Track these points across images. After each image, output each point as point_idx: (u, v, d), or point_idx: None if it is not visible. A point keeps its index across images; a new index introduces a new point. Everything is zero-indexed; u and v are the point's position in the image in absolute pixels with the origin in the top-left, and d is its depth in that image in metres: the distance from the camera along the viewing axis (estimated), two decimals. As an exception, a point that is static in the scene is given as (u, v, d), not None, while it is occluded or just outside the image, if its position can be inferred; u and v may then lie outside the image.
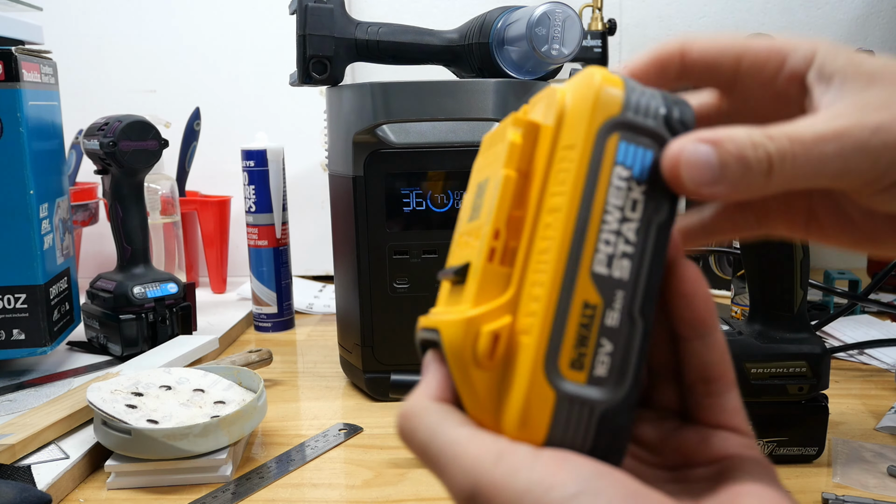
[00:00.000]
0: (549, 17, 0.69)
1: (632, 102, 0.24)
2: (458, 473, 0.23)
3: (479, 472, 0.23)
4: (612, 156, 0.23)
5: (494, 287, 0.24)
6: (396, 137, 0.71)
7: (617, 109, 0.23)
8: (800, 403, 0.59)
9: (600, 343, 0.23)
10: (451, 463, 0.23)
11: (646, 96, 0.24)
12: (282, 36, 1.17)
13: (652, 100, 0.24)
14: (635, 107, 0.24)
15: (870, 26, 1.24)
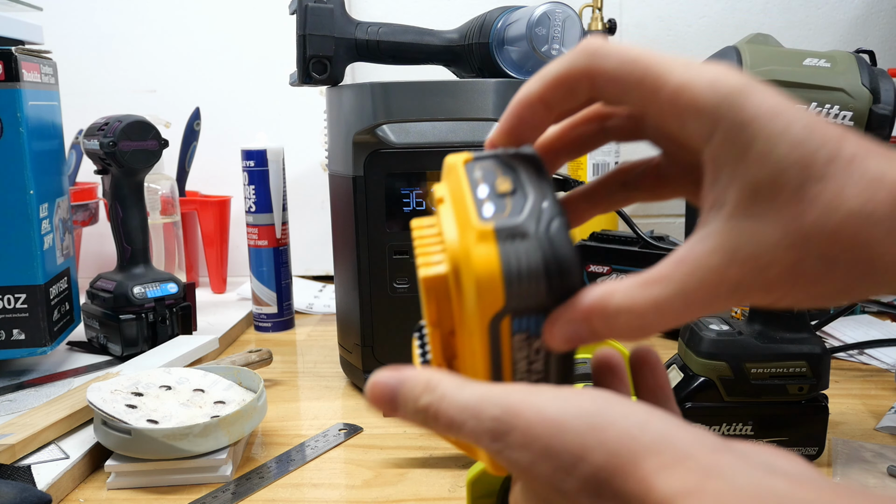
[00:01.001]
0: (549, 17, 0.69)
1: (512, 287, 0.25)
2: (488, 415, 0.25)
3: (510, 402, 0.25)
4: (508, 332, 0.26)
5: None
6: (396, 137, 0.71)
7: (500, 303, 0.25)
8: (800, 403, 0.59)
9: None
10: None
11: (522, 257, 0.25)
12: (282, 36, 1.17)
13: (530, 268, 0.25)
14: (517, 291, 0.25)
15: (870, 26, 1.24)
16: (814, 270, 0.24)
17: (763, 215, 0.24)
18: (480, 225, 0.26)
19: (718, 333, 0.59)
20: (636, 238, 0.81)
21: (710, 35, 1.25)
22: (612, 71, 0.26)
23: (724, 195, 0.25)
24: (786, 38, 1.16)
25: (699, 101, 0.24)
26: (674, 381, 0.61)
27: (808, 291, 0.25)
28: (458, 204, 0.27)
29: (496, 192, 0.27)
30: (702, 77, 0.24)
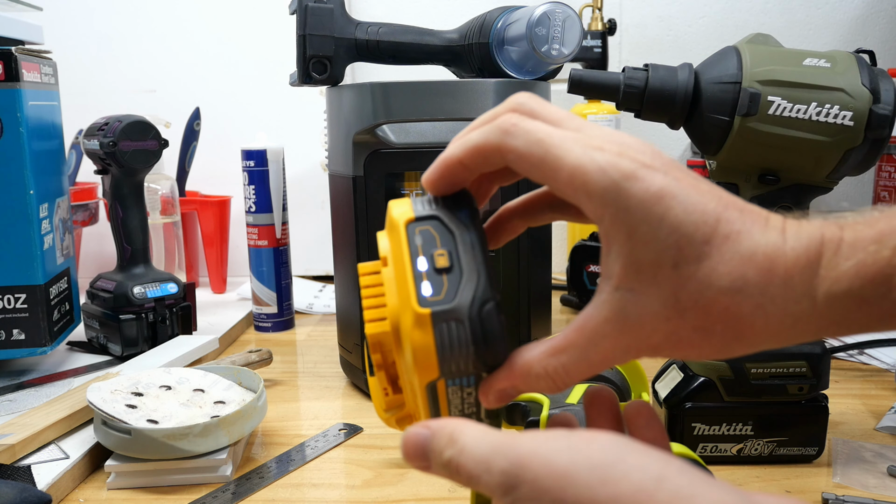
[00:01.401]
0: (549, 17, 0.69)
1: (445, 362, 0.28)
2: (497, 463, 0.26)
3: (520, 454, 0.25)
4: (444, 389, 0.29)
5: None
6: (396, 137, 0.71)
7: (435, 374, 0.29)
8: (800, 403, 0.59)
9: None
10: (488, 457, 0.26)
11: (454, 339, 0.28)
12: (282, 36, 1.17)
13: (461, 348, 0.28)
14: (450, 365, 0.29)
15: (870, 26, 1.24)
16: (691, 338, 0.27)
17: (644, 290, 0.27)
18: (419, 309, 0.28)
19: (718, 333, 0.59)
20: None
21: (710, 35, 1.25)
22: (518, 150, 0.28)
23: (612, 268, 0.28)
24: (786, 38, 1.16)
25: (590, 186, 0.27)
26: (674, 381, 0.61)
27: (689, 353, 0.28)
28: (399, 273, 0.30)
29: (434, 267, 0.29)
30: (594, 162, 0.27)
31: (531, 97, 0.30)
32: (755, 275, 0.26)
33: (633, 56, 1.27)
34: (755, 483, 0.57)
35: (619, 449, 0.24)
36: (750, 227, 0.27)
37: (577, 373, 0.29)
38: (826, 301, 0.26)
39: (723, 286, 0.26)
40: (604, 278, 0.28)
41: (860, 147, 0.54)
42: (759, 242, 0.26)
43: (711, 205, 0.26)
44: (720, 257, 0.26)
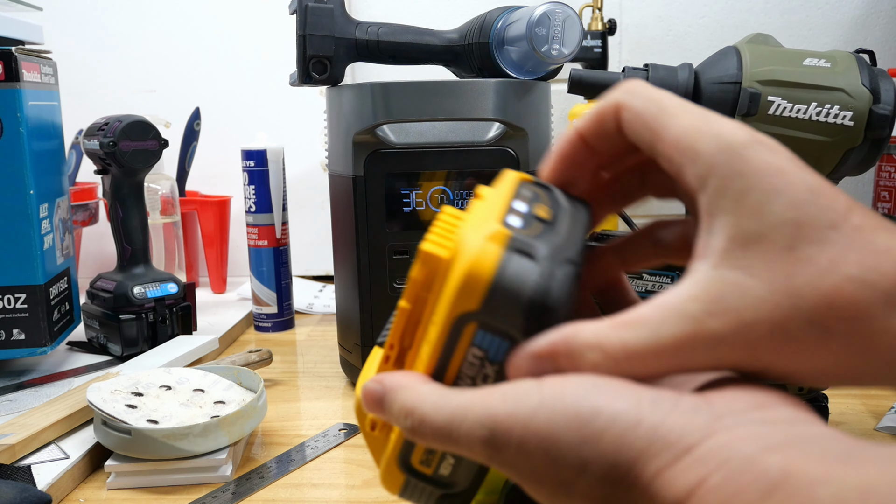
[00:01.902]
0: (549, 17, 0.69)
1: (494, 296, 0.25)
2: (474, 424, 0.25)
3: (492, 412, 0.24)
4: (468, 340, 0.26)
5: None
6: (396, 137, 0.71)
7: (475, 305, 0.25)
8: (800, 403, 0.59)
9: (445, 458, 0.28)
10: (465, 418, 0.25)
11: (518, 274, 0.25)
12: (281, 36, 1.17)
13: (519, 291, 0.25)
14: (495, 304, 0.25)
15: (870, 26, 1.24)
16: (804, 336, 0.23)
17: (751, 268, 0.23)
18: (499, 227, 0.25)
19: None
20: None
21: (710, 35, 1.25)
22: (635, 107, 0.26)
23: (712, 243, 0.24)
24: (786, 38, 1.16)
25: (698, 146, 0.24)
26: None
27: (800, 362, 0.23)
28: (492, 205, 0.27)
29: (532, 212, 0.27)
30: (710, 126, 0.24)
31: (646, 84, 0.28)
32: (890, 269, 0.22)
33: (633, 56, 1.27)
34: (755, 483, 0.57)
35: (592, 398, 0.23)
36: (882, 227, 0.23)
37: (640, 360, 0.24)
38: None
39: (851, 273, 0.22)
40: (698, 257, 0.25)
41: (860, 147, 0.54)
42: (892, 243, 0.23)
43: (839, 196, 0.23)
44: (850, 245, 0.22)
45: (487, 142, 0.71)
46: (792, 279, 0.23)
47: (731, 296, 0.23)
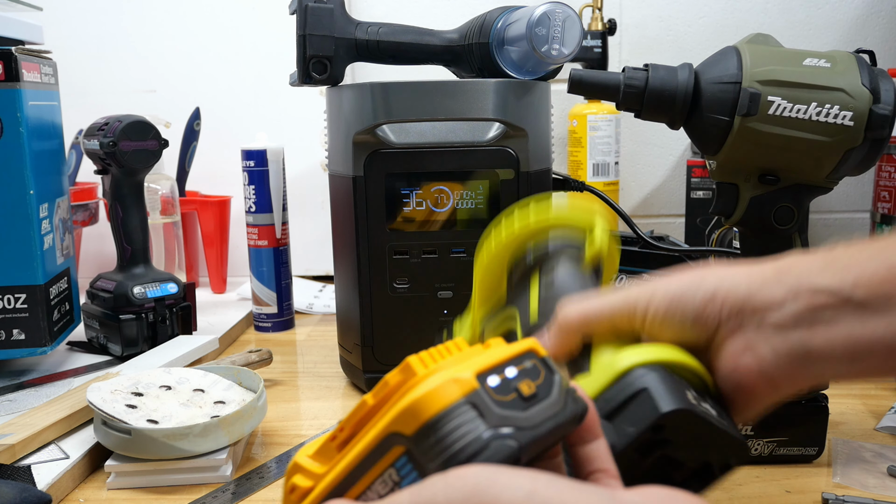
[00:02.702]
0: (549, 17, 0.69)
1: (428, 432, 0.26)
2: None
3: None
4: (392, 460, 0.27)
5: (326, 458, 0.30)
6: (396, 137, 0.71)
7: (409, 430, 0.26)
8: (800, 403, 0.59)
9: None
10: None
11: (458, 424, 0.26)
12: (282, 36, 1.17)
13: (459, 432, 0.25)
14: (428, 438, 0.26)
15: (870, 26, 1.24)
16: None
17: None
18: (471, 377, 0.26)
19: (718, 333, 0.59)
20: (636, 238, 0.81)
21: (710, 35, 1.25)
22: (591, 320, 0.38)
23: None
24: (786, 38, 1.16)
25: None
26: (674, 381, 0.61)
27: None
28: (487, 357, 0.28)
29: (516, 383, 0.27)
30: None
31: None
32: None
33: (633, 56, 1.27)
34: (755, 483, 0.57)
35: (491, 472, 0.24)
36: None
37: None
38: None
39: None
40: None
41: (860, 147, 0.54)
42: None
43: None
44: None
45: (487, 142, 0.71)
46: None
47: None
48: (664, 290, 0.37)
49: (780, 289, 0.35)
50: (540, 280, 0.45)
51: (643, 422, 0.33)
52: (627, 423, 0.33)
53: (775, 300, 0.35)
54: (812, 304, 0.34)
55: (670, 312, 0.37)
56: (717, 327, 0.36)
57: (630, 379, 0.34)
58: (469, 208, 0.73)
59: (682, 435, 0.34)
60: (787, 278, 0.35)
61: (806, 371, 0.36)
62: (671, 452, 0.36)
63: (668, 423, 0.33)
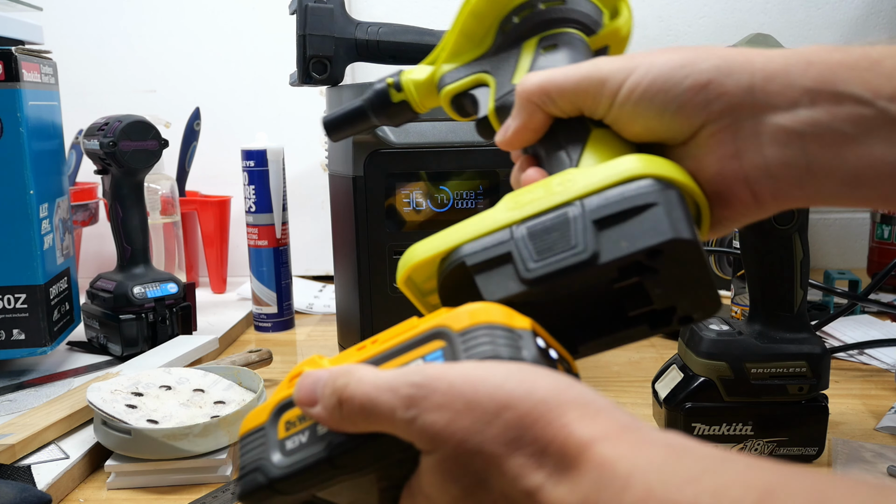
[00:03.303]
0: (549, 17, 0.69)
1: (479, 333, 0.28)
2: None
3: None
4: (427, 351, 0.29)
5: (344, 359, 0.32)
6: (396, 137, 0.71)
7: (460, 327, 0.28)
8: (800, 403, 0.59)
9: (299, 435, 0.29)
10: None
11: (494, 340, 0.28)
12: (282, 36, 1.17)
13: (495, 343, 0.27)
14: (474, 337, 0.28)
15: (870, 26, 1.24)
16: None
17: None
18: (527, 323, 0.28)
19: (718, 333, 0.59)
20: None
21: (710, 35, 1.25)
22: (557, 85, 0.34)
23: None
24: (786, 38, 1.16)
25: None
26: (674, 381, 0.61)
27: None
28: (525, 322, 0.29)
29: (546, 351, 0.28)
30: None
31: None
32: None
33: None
34: (755, 483, 0.57)
35: (532, 367, 0.26)
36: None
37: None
38: None
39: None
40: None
41: (860, 147, 0.54)
42: None
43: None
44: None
45: (487, 142, 0.71)
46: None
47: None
48: (647, 66, 0.31)
49: (793, 86, 0.29)
50: (536, 50, 0.38)
51: (644, 241, 0.28)
52: (623, 236, 0.29)
53: (785, 99, 0.29)
54: (831, 112, 0.28)
55: (648, 96, 0.30)
56: (704, 123, 0.30)
57: (639, 188, 0.29)
58: (469, 208, 0.73)
59: (672, 270, 0.29)
60: (807, 73, 0.29)
61: (799, 190, 0.30)
62: (649, 285, 0.30)
63: (669, 252, 0.28)
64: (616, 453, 0.22)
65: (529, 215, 0.30)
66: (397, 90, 0.44)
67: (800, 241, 0.58)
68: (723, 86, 0.30)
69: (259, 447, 0.30)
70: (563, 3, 0.38)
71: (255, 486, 0.29)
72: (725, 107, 0.30)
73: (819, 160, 0.29)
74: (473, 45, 0.41)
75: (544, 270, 0.29)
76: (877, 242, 1.16)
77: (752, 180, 0.30)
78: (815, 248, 1.25)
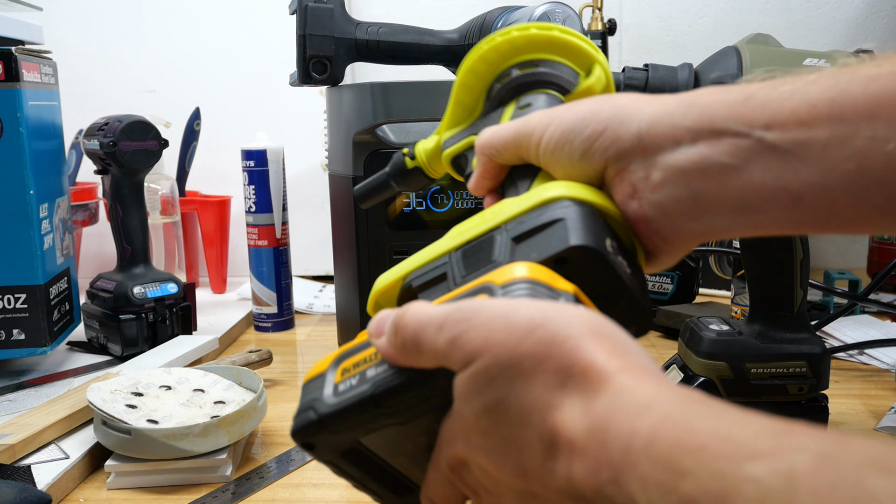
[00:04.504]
0: (549, 18, 0.69)
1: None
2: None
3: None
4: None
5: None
6: (396, 137, 0.71)
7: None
8: (800, 403, 0.59)
9: (357, 377, 0.32)
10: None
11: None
12: (282, 36, 1.17)
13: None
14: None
15: (870, 26, 1.24)
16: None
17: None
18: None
19: (718, 334, 0.59)
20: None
21: (710, 35, 1.25)
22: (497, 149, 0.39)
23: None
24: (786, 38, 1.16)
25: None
26: (674, 381, 0.61)
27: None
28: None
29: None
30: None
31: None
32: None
33: (633, 56, 1.27)
34: (755, 483, 0.57)
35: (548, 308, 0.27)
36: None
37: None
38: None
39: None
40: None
41: (860, 147, 0.54)
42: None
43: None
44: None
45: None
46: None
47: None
48: (560, 118, 0.34)
49: (676, 127, 0.31)
50: (514, 112, 0.42)
51: (547, 250, 0.31)
52: (532, 248, 0.31)
53: (669, 140, 0.31)
54: (711, 147, 0.30)
55: (559, 145, 0.34)
56: (605, 167, 0.33)
57: (551, 208, 0.32)
58: (469, 208, 0.73)
59: (585, 279, 0.31)
60: (688, 114, 0.31)
61: (695, 223, 0.32)
62: None
63: (573, 259, 0.31)
64: (637, 385, 0.23)
65: (465, 241, 0.35)
66: (411, 158, 0.50)
67: (800, 241, 0.58)
68: (616, 132, 0.32)
69: (316, 390, 0.33)
70: (535, 69, 0.43)
71: (307, 422, 0.31)
72: (619, 151, 0.32)
73: (704, 193, 0.31)
74: (467, 112, 0.46)
75: (466, 283, 0.32)
76: (877, 242, 1.16)
77: (650, 218, 0.33)
78: (815, 248, 1.25)
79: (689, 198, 0.31)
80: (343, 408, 0.30)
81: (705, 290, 1.10)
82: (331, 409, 0.31)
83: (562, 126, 0.34)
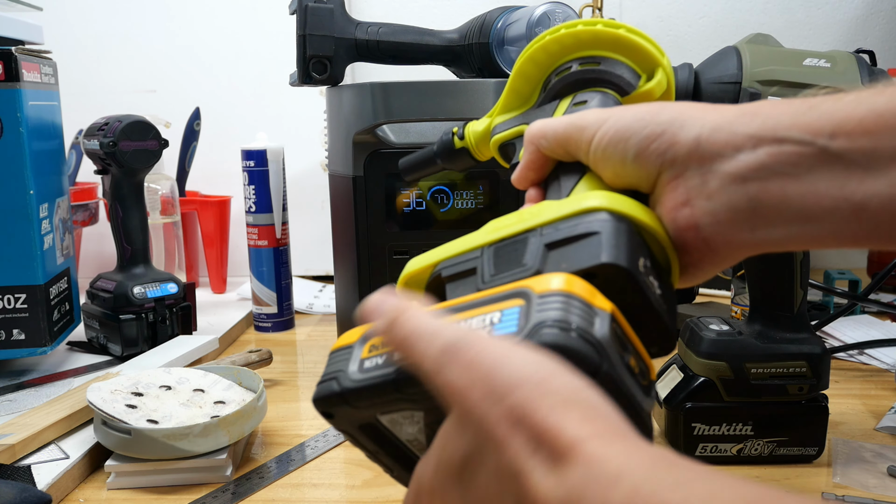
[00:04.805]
0: (549, 17, 0.69)
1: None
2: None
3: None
4: (508, 306, 0.31)
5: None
6: (396, 137, 0.71)
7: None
8: (800, 403, 0.59)
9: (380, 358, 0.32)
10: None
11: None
12: (282, 36, 1.17)
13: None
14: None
15: (870, 26, 1.24)
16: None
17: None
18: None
19: (718, 334, 0.59)
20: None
21: (710, 35, 1.25)
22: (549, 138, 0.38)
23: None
24: (786, 38, 1.16)
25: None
26: (674, 381, 0.61)
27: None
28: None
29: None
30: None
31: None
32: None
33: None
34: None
35: (558, 362, 0.26)
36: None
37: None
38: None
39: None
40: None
41: (860, 147, 0.54)
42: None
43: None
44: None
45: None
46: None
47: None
48: (617, 117, 0.34)
49: (737, 135, 0.31)
50: (569, 106, 0.42)
51: (578, 263, 0.31)
52: (564, 258, 0.31)
53: (728, 147, 0.31)
54: (773, 155, 0.30)
55: (613, 144, 0.33)
56: (660, 171, 0.33)
57: (589, 219, 0.32)
58: (469, 208, 0.73)
59: (613, 296, 0.31)
60: (750, 123, 0.31)
61: (749, 234, 0.31)
62: None
63: (603, 276, 0.30)
64: (607, 452, 0.23)
65: (499, 238, 0.34)
66: (460, 138, 0.50)
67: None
68: (675, 136, 0.32)
69: (342, 361, 0.33)
70: (597, 66, 0.42)
71: (329, 393, 0.32)
72: (676, 156, 0.32)
73: (763, 202, 0.30)
74: (521, 101, 0.46)
75: (496, 283, 0.32)
76: (877, 242, 1.16)
77: (701, 227, 0.32)
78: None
79: (747, 206, 0.30)
80: (365, 386, 0.31)
81: (705, 290, 1.10)
82: (354, 384, 0.31)
83: (618, 124, 0.33)
